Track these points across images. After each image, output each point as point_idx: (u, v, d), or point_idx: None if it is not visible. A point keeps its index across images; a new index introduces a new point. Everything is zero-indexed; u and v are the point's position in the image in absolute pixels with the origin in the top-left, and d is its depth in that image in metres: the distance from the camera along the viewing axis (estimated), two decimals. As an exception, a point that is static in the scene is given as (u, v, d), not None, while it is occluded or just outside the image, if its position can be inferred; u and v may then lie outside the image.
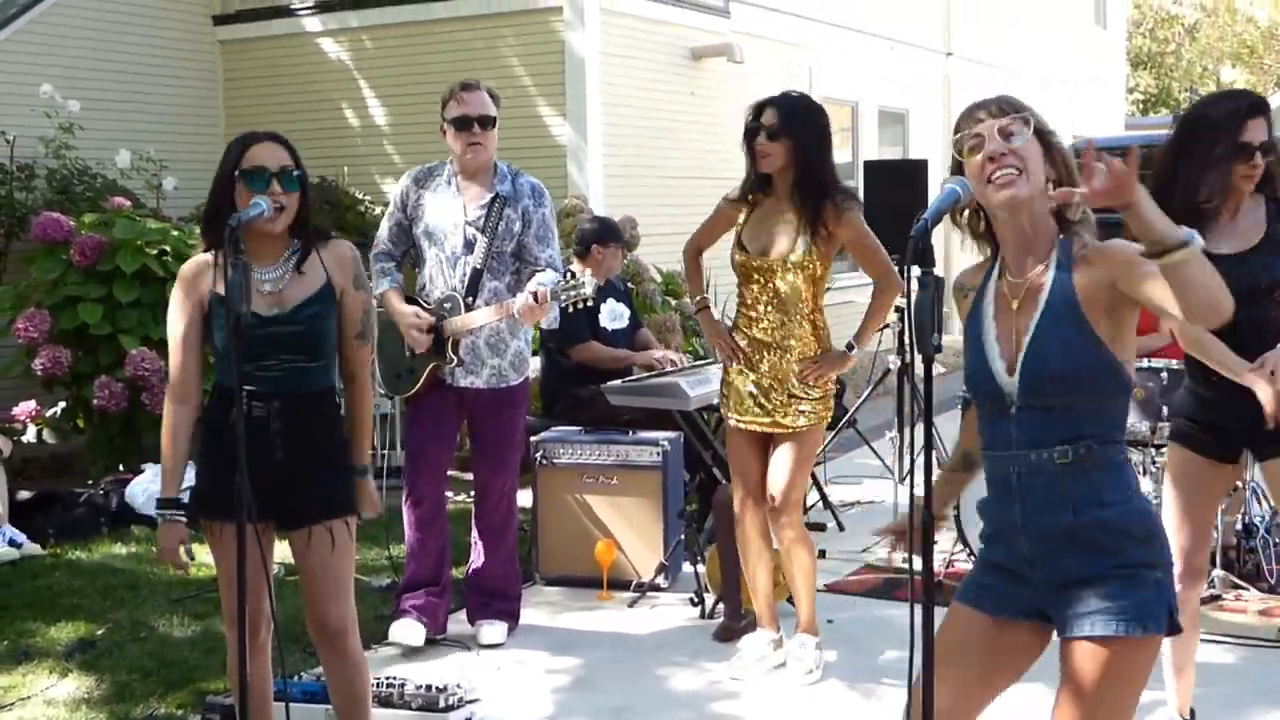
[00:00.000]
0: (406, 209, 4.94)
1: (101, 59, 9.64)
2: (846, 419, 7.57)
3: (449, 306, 4.81)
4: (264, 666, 3.52)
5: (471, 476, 5.17)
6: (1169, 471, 3.85)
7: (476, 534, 5.12)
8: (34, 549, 6.25)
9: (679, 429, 6.02)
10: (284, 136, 3.39)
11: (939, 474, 2.91)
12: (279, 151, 3.32)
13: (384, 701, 4.03)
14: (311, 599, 3.44)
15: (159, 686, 4.55)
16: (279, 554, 4.86)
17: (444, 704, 4.08)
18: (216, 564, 3.47)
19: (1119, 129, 20.29)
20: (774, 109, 4.47)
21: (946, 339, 12.35)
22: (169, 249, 7.53)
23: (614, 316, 6.46)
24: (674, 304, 8.61)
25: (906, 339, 2.56)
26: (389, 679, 4.16)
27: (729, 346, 4.63)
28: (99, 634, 5.10)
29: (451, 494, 5.77)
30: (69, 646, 4.95)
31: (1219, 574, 5.35)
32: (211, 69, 10.68)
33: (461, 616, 5.20)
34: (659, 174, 10.25)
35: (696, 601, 5.42)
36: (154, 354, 7.18)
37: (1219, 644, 4.80)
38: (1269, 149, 3.59)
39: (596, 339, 6.32)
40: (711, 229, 4.79)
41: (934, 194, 2.64)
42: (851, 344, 4.63)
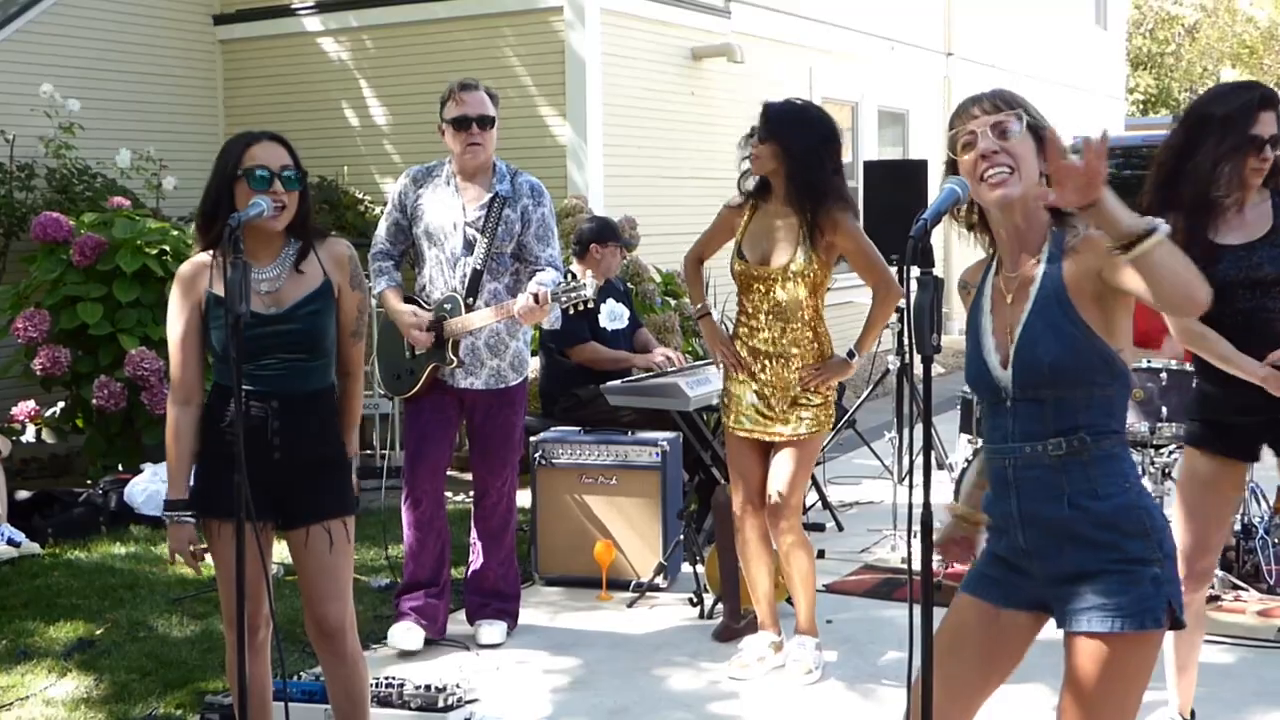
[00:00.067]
0: (405, 209, 4.94)
1: (102, 58, 9.64)
2: (846, 419, 7.57)
3: (449, 307, 4.81)
4: (263, 666, 3.52)
5: (471, 477, 5.17)
6: (1180, 474, 3.83)
7: (475, 534, 5.12)
8: (33, 548, 6.26)
9: (678, 429, 6.03)
10: (283, 136, 3.39)
11: (972, 476, 2.90)
12: (279, 151, 3.32)
13: (383, 701, 4.03)
14: (310, 598, 3.44)
15: (158, 686, 4.54)
16: (278, 554, 4.88)
17: (443, 704, 4.08)
18: (215, 564, 3.47)
19: (1119, 129, 20.29)
20: (767, 113, 4.49)
21: (945, 339, 12.38)
22: (169, 249, 7.53)
23: (613, 317, 6.46)
24: (673, 304, 8.60)
25: (906, 339, 2.55)
26: (388, 679, 4.16)
27: (731, 355, 4.64)
28: (98, 634, 5.10)
29: (450, 494, 5.76)
30: (68, 646, 4.95)
31: (1218, 574, 5.34)
32: (211, 68, 10.68)
33: (461, 616, 5.20)
34: (659, 174, 10.25)
35: (695, 602, 5.42)
36: (153, 354, 7.18)
37: (1218, 644, 4.80)
38: (1278, 142, 3.59)
39: (596, 339, 6.32)
40: (713, 239, 4.78)
41: (934, 194, 2.64)
42: (853, 351, 4.63)
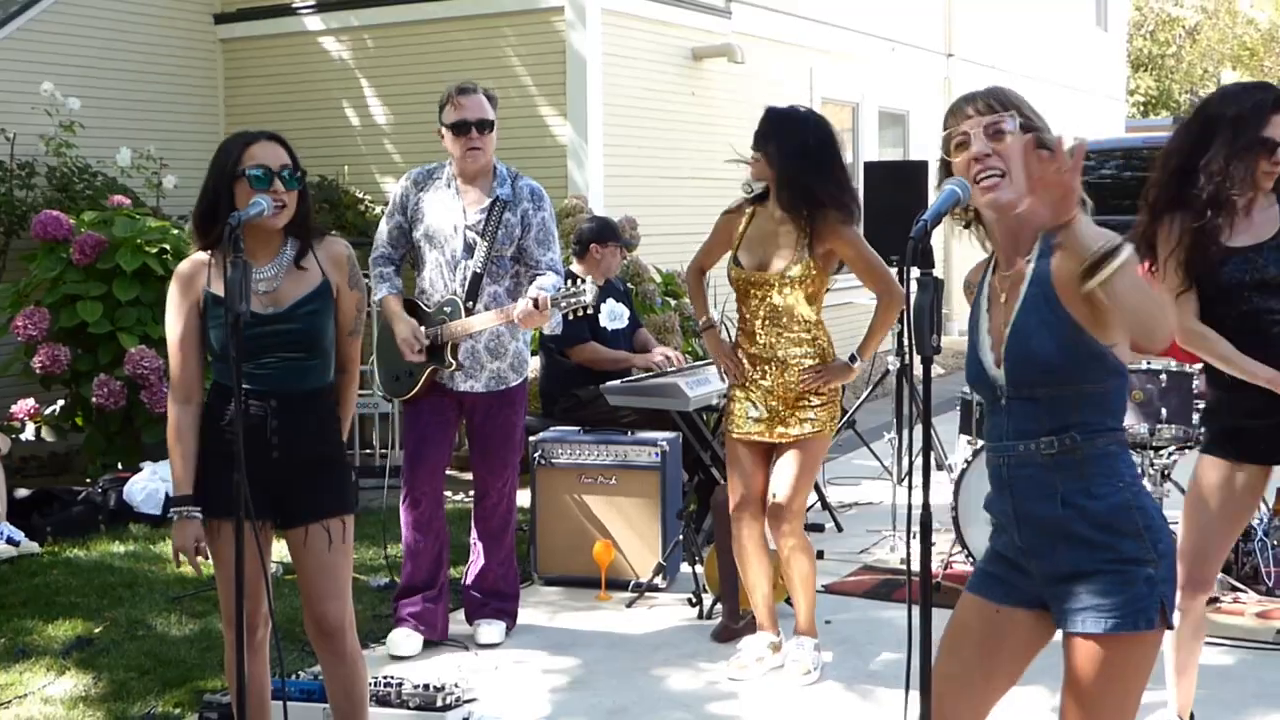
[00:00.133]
0: (406, 211, 4.93)
1: (102, 57, 9.64)
2: (845, 420, 7.57)
3: (449, 310, 4.80)
4: (262, 665, 3.52)
5: (471, 477, 5.17)
6: (1191, 482, 3.81)
7: (475, 534, 5.12)
8: (32, 547, 6.25)
9: (678, 429, 6.02)
10: (281, 135, 3.39)
11: None
12: (278, 150, 3.32)
13: (382, 701, 4.03)
14: (309, 597, 3.43)
15: (156, 685, 4.54)
16: (277, 553, 4.88)
17: (441, 703, 4.08)
18: (214, 562, 3.46)
19: (1119, 131, 20.30)
20: (765, 119, 4.51)
21: (945, 340, 12.39)
22: (169, 247, 7.53)
23: (613, 317, 6.46)
24: (673, 304, 8.60)
25: (905, 340, 2.56)
26: (387, 678, 4.16)
27: (735, 367, 4.63)
28: (96, 632, 5.10)
29: (450, 494, 5.77)
30: (66, 644, 4.95)
31: (1217, 576, 5.34)
32: (212, 67, 10.67)
33: (460, 616, 5.19)
34: (659, 174, 10.24)
35: (694, 602, 5.42)
36: (153, 352, 7.18)
37: (1217, 646, 4.80)
38: None
39: (596, 339, 6.32)
40: (712, 248, 4.78)
41: (933, 195, 2.64)
42: (855, 355, 4.63)
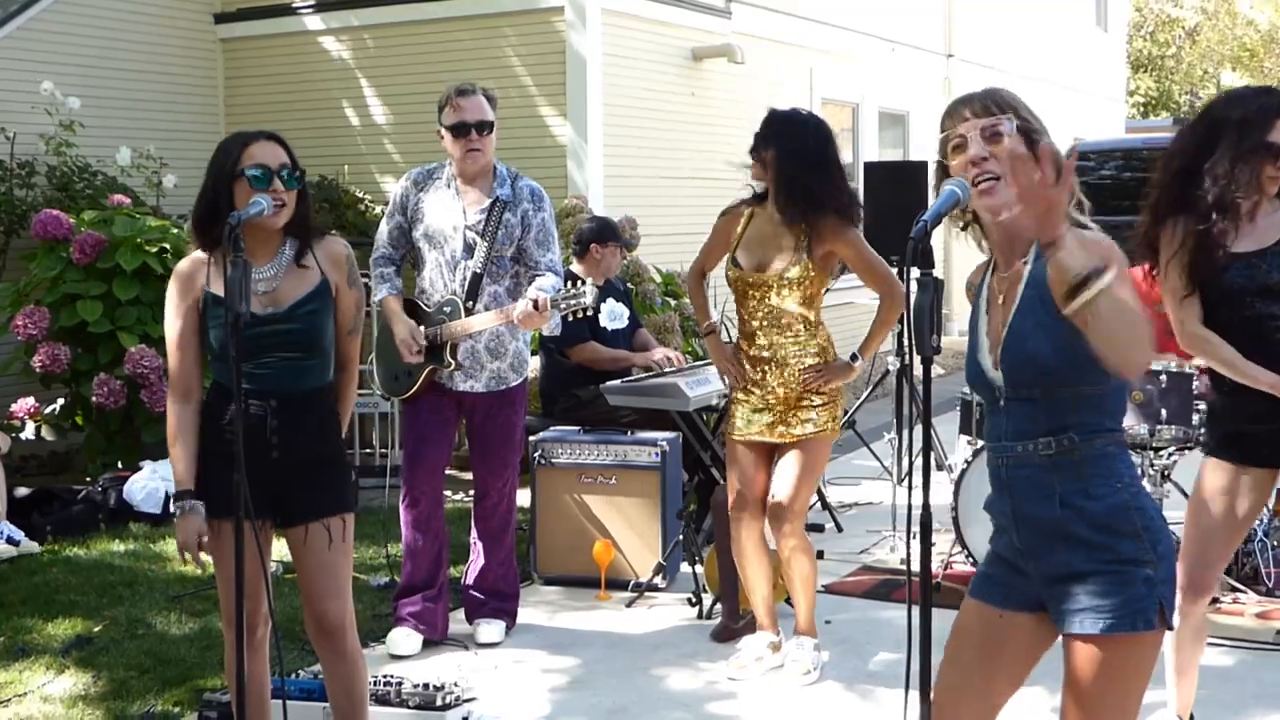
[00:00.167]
0: (406, 211, 4.93)
1: (102, 56, 9.64)
2: (845, 420, 7.57)
3: (448, 310, 4.80)
4: (261, 664, 3.52)
5: (470, 476, 5.17)
6: (1195, 486, 3.81)
7: (475, 534, 5.12)
8: (31, 547, 6.24)
9: (678, 429, 6.02)
10: (279, 135, 3.39)
11: None
12: (277, 150, 3.32)
13: (381, 700, 4.03)
14: (309, 596, 3.44)
15: (156, 684, 4.54)
16: (277, 552, 4.88)
17: (441, 703, 4.08)
18: (214, 562, 3.46)
19: (1119, 131, 20.31)
20: (766, 121, 4.52)
21: (945, 340, 12.38)
22: (169, 247, 7.53)
23: (613, 317, 6.46)
24: (673, 304, 8.60)
25: (905, 341, 2.56)
26: (386, 678, 4.16)
27: (736, 372, 4.64)
28: (96, 631, 5.10)
29: (450, 494, 5.77)
30: (66, 643, 4.95)
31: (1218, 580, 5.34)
32: (212, 67, 10.67)
33: (459, 616, 5.20)
34: (659, 174, 10.24)
35: (694, 602, 5.42)
36: (153, 351, 7.18)
37: (1216, 647, 4.79)
38: None
39: (596, 339, 6.32)
40: (712, 251, 4.77)
41: (933, 196, 2.64)
42: (856, 354, 4.63)
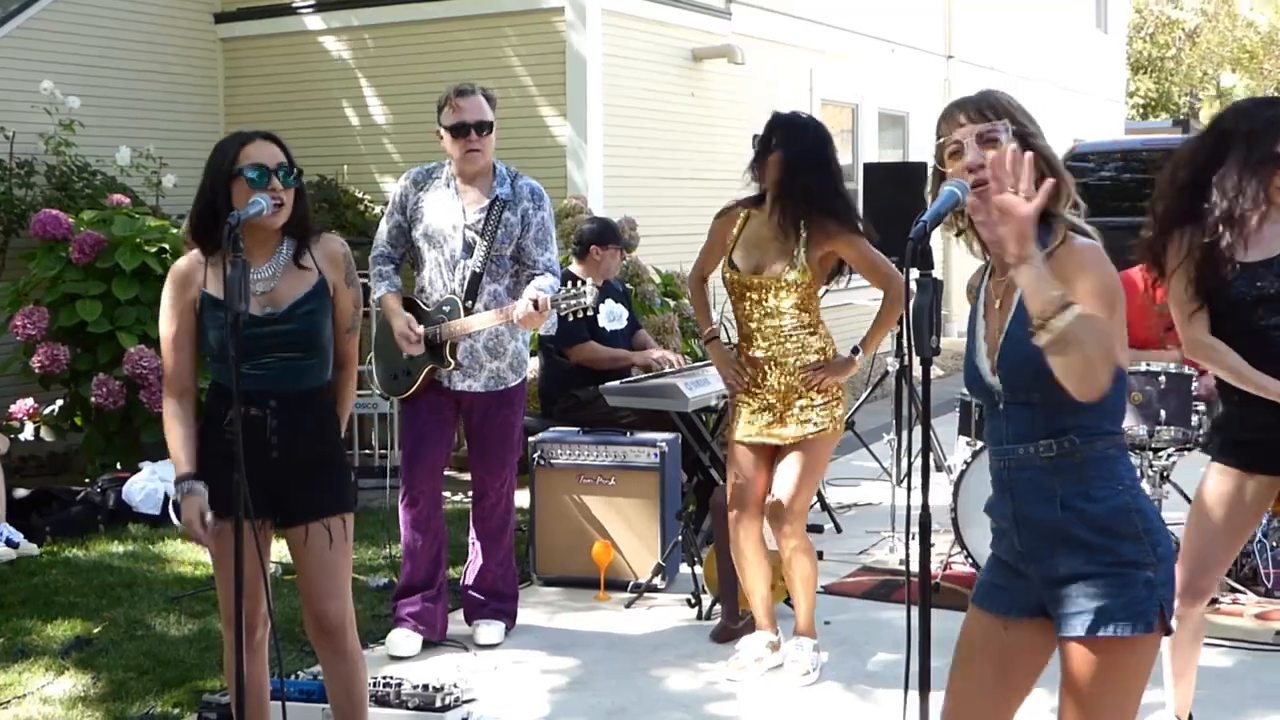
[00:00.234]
0: (405, 210, 4.93)
1: (102, 56, 9.64)
2: (844, 420, 7.56)
3: (448, 310, 4.80)
4: (261, 665, 3.52)
5: (469, 477, 5.17)
6: (1199, 490, 3.81)
7: (474, 534, 5.12)
8: (30, 549, 6.23)
9: (677, 430, 6.02)
10: (275, 134, 3.40)
11: None
12: (274, 149, 3.32)
13: (381, 701, 4.03)
14: (309, 596, 3.44)
15: (155, 685, 4.54)
16: (276, 553, 4.88)
17: (440, 704, 4.08)
18: (214, 563, 3.47)
19: (1118, 133, 20.31)
20: (774, 123, 4.52)
21: (944, 341, 12.38)
22: (168, 246, 7.53)
23: (612, 317, 6.46)
24: (673, 305, 8.60)
25: (905, 341, 2.56)
26: (386, 678, 4.16)
27: (738, 377, 4.64)
28: (95, 632, 5.10)
29: (449, 494, 5.76)
30: (65, 644, 4.95)
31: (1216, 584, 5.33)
32: (212, 67, 10.67)
33: (459, 616, 5.19)
34: (659, 175, 10.24)
35: (693, 602, 5.42)
36: (152, 352, 7.17)
37: (1216, 647, 4.80)
38: None
39: (595, 340, 6.32)
40: (710, 254, 4.77)
41: (928, 199, 2.65)
42: (857, 348, 4.63)
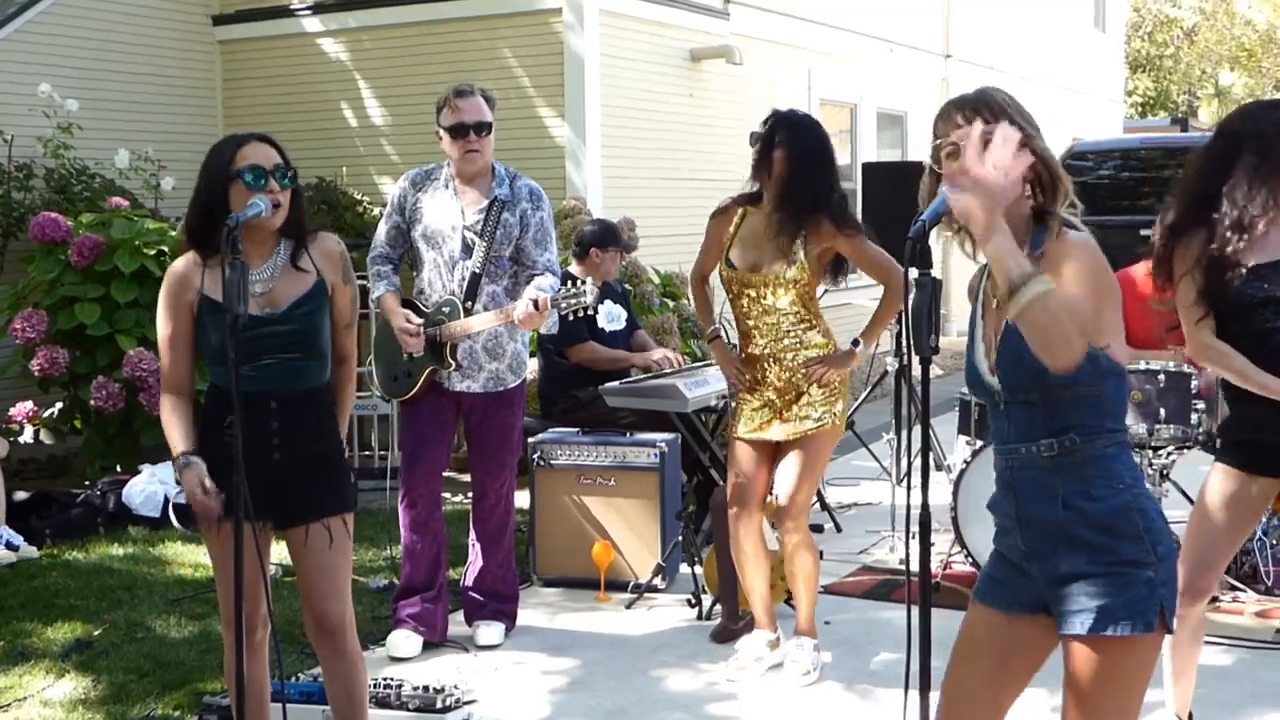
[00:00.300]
0: (404, 211, 4.93)
1: (100, 58, 9.63)
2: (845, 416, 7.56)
3: (447, 310, 4.80)
4: (261, 667, 3.52)
5: (469, 478, 5.17)
6: (1202, 489, 3.81)
7: (474, 536, 5.12)
8: (30, 552, 6.22)
9: (676, 431, 6.02)
10: (270, 136, 3.40)
11: None
12: (270, 150, 3.33)
13: (381, 702, 4.03)
14: (309, 596, 3.44)
15: (156, 687, 4.54)
16: (275, 555, 4.88)
17: (441, 705, 4.08)
18: (214, 564, 3.47)
19: (1117, 131, 20.32)
20: (781, 121, 4.51)
21: (944, 341, 12.38)
22: (167, 249, 7.52)
23: (611, 318, 6.46)
24: (672, 306, 8.60)
25: (904, 341, 2.57)
26: (386, 680, 4.16)
27: (740, 376, 4.64)
28: (96, 635, 5.09)
29: (449, 495, 5.76)
30: (66, 647, 4.95)
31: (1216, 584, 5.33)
32: (210, 69, 10.67)
33: (459, 617, 5.19)
34: (657, 175, 10.24)
35: (694, 603, 5.42)
36: (151, 354, 7.17)
37: (1216, 646, 4.80)
38: None
39: (594, 340, 6.32)
40: (708, 254, 4.78)
41: (923, 200, 2.65)
42: (858, 340, 4.64)
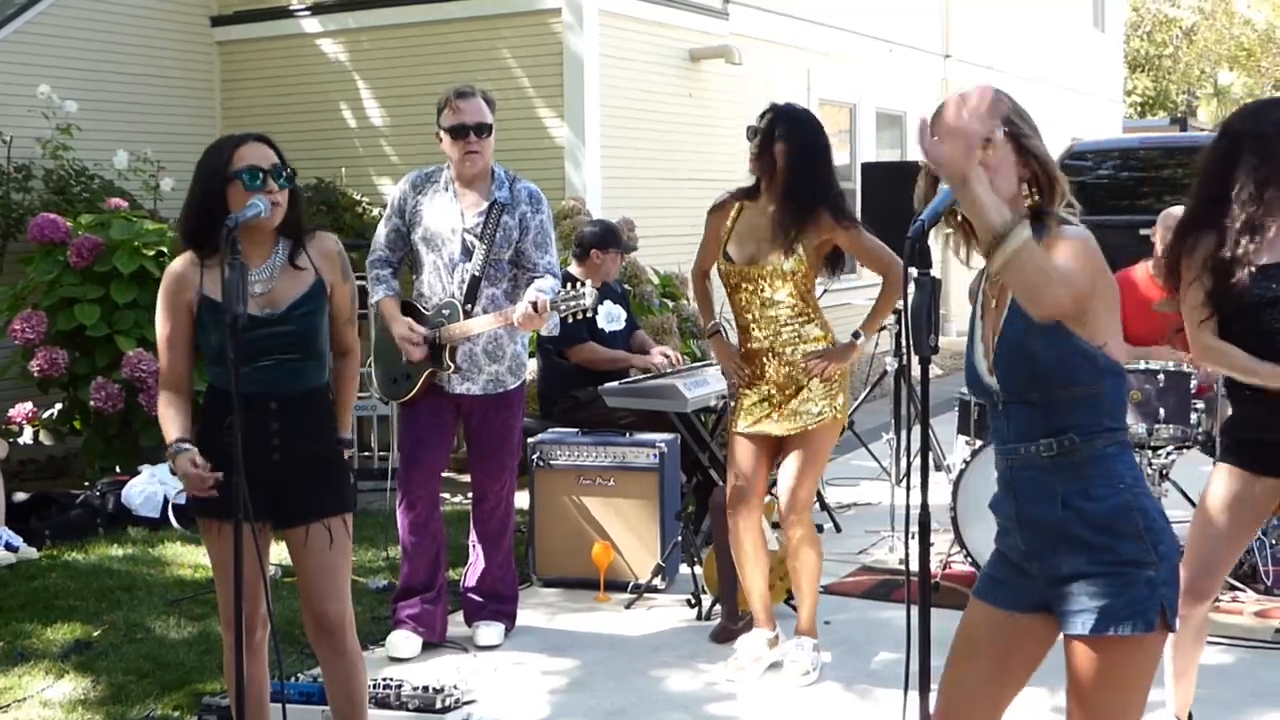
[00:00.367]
0: (404, 214, 4.93)
1: (99, 60, 9.63)
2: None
3: (447, 313, 4.80)
4: (260, 667, 3.52)
5: (469, 479, 5.16)
6: (1205, 491, 3.81)
7: (474, 537, 5.12)
8: (30, 553, 6.22)
9: (676, 431, 6.02)
10: (267, 136, 3.40)
11: None
12: (267, 150, 3.33)
13: (381, 703, 4.03)
14: (309, 596, 3.44)
15: (155, 688, 4.54)
16: (275, 556, 4.88)
17: (441, 705, 4.08)
18: (213, 565, 3.47)
19: (1116, 131, 20.32)
20: (782, 114, 4.51)
21: (943, 340, 12.39)
22: (166, 250, 7.52)
23: (611, 318, 6.45)
24: (671, 306, 8.60)
25: (904, 341, 2.58)
26: (386, 680, 4.16)
27: (739, 371, 4.64)
28: (95, 635, 5.09)
29: (449, 496, 5.76)
30: (65, 648, 4.95)
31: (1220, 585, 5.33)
32: (209, 70, 10.66)
33: (458, 618, 5.19)
34: (657, 176, 10.23)
35: (693, 603, 5.42)
36: (150, 355, 7.17)
37: (1215, 645, 4.79)
38: None
39: (594, 340, 6.32)
40: (708, 249, 4.78)
41: (918, 200, 2.66)
42: (858, 332, 4.64)
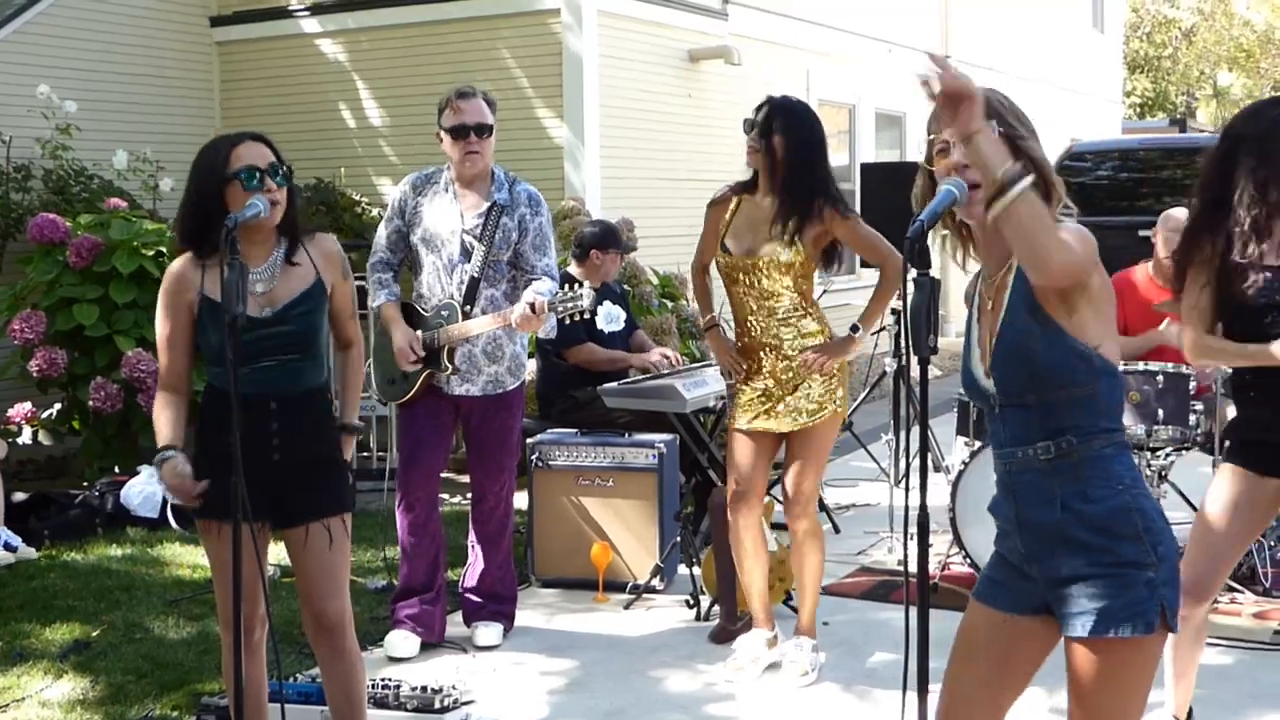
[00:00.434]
0: (404, 215, 4.93)
1: (99, 60, 9.63)
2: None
3: (446, 314, 4.81)
4: (259, 667, 3.52)
5: (468, 480, 5.16)
6: (1208, 493, 3.82)
7: (473, 537, 5.12)
8: (29, 553, 6.22)
9: (675, 431, 6.02)
10: (263, 134, 3.40)
11: None
12: (264, 149, 3.33)
13: (379, 703, 4.03)
14: (308, 596, 3.44)
15: (154, 688, 4.54)
16: (273, 556, 4.87)
17: (439, 705, 4.08)
18: (212, 565, 3.47)
19: (1116, 132, 20.32)
20: (778, 106, 4.51)
21: (942, 341, 12.39)
22: (165, 250, 7.52)
23: (610, 319, 6.45)
24: (670, 306, 8.60)
25: (903, 342, 2.58)
26: (385, 680, 4.16)
27: (736, 366, 4.64)
28: (94, 635, 5.09)
29: (448, 497, 5.75)
30: (64, 648, 4.95)
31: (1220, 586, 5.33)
32: (208, 70, 10.67)
33: (457, 618, 5.19)
34: (656, 176, 10.24)
35: (692, 604, 5.42)
36: (150, 355, 7.17)
37: (1214, 646, 4.79)
38: None
39: (593, 341, 6.32)
40: (708, 243, 4.78)
41: (914, 200, 2.65)
42: (856, 326, 4.64)
